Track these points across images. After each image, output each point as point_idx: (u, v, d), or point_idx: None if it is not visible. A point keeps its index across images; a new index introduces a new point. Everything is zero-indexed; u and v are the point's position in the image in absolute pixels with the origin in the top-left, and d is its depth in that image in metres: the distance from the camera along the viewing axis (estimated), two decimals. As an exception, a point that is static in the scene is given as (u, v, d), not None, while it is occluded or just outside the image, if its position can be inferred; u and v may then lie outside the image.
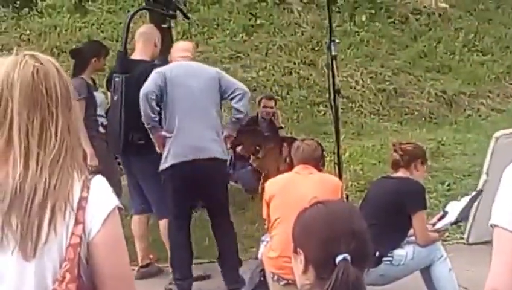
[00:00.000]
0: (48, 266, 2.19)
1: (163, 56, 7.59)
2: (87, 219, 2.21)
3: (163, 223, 7.23)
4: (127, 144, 7.09)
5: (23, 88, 2.21)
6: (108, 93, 7.73)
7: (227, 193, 7.16)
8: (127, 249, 2.33)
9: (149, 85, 6.73)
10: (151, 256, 7.64)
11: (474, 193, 6.78)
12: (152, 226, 7.68)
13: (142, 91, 6.70)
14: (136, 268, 7.48)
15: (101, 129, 8.17)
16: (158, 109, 6.74)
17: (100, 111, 8.29)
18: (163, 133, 6.81)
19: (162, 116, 6.83)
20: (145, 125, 6.80)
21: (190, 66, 6.98)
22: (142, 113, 6.72)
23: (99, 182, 2.27)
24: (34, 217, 2.17)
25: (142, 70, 6.98)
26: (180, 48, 7.28)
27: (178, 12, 8.86)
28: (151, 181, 7.11)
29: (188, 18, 10.09)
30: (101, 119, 8.26)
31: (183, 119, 6.77)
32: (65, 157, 2.23)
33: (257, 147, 9.59)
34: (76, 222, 2.20)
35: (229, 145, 7.37)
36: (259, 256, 6.61)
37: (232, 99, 6.88)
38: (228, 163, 8.74)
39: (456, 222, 6.48)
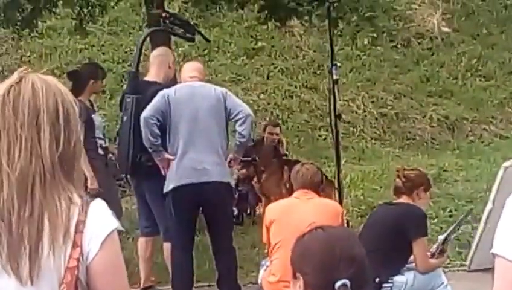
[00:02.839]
0: (45, 289, 2.18)
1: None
2: (85, 242, 2.19)
3: (167, 246, 7.20)
4: (136, 165, 7.10)
5: None
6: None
7: (231, 217, 7.14)
8: (126, 271, 2.31)
9: (150, 109, 6.74)
10: (152, 278, 7.62)
11: (464, 214, 6.76)
12: (156, 247, 7.65)
13: (143, 115, 6.72)
14: (138, 290, 7.48)
15: (100, 151, 8.13)
16: (159, 132, 6.73)
17: (98, 133, 8.26)
18: (167, 155, 6.81)
19: (167, 138, 6.82)
20: (148, 149, 6.78)
21: (195, 87, 6.96)
22: (143, 137, 6.74)
23: (98, 205, 2.25)
24: (29, 242, 2.17)
25: (153, 92, 6.98)
26: (189, 68, 7.27)
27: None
28: (159, 202, 7.08)
29: (208, 41, 10.07)
30: (100, 141, 8.23)
31: (187, 142, 6.76)
32: (46, 179, 2.21)
33: (261, 170, 9.55)
34: (74, 245, 2.18)
35: (235, 167, 7.30)
36: (259, 281, 6.62)
37: (235, 122, 6.88)
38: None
39: (445, 239, 6.39)
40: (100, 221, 2.22)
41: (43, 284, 2.17)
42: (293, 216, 6.03)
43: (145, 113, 6.72)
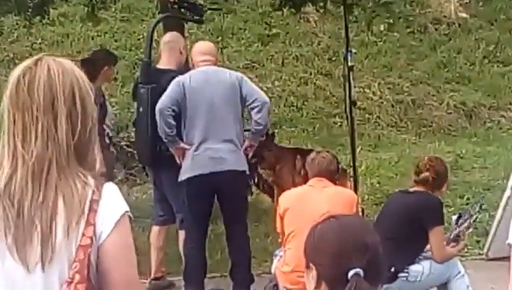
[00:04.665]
0: (55, 272, 2.19)
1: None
2: (98, 221, 2.22)
3: (183, 235, 7.17)
4: (155, 155, 7.09)
5: (11, 90, 2.26)
6: (134, 104, 7.73)
7: (247, 205, 7.15)
8: (135, 256, 2.34)
9: (165, 100, 6.72)
10: (163, 269, 7.62)
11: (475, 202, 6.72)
12: (167, 238, 7.62)
13: (158, 106, 6.70)
14: (148, 280, 7.49)
15: (106, 140, 8.19)
16: (174, 123, 6.72)
17: (107, 122, 8.24)
18: (182, 145, 6.80)
19: (182, 127, 6.79)
20: (163, 139, 6.75)
21: (209, 73, 6.90)
22: (159, 128, 6.73)
23: (111, 187, 2.30)
24: (41, 228, 2.19)
25: (168, 80, 6.93)
26: (201, 50, 7.14)
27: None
28: (177, 192, 7.06)
29: (220, 9, 9.99)
30: (107, 130, 8.26)
31: (202, 131, 6.75)
32: (61, 165, 2.22)
33: (274, 161, 9.46)
34: (87, 224, 2.21)
35: (250, 155, 7.23)
36: (272, 270, 6.61)
37: (251, 109, 6.83)
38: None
39: (458, 223, 6.38)
40: (114, 202, 2.27)
41: (54, 268, 2.18)
42: (307, 205, 6.02)
43: (160, 104, 6.70)
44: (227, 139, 6.76)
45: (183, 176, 6.81)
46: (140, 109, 7.22)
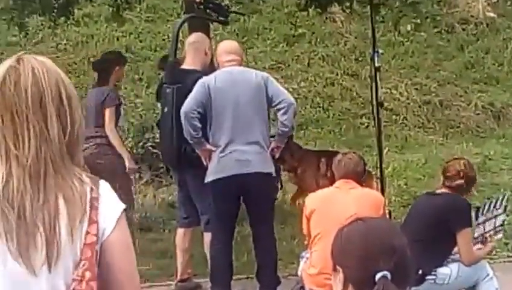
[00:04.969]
0: (60, 272, 2.18)
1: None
2: (101, 218, 2.23)
3: (208, 237, 7.16)
4: (180, 156, 7.09)
5: None
6: (158, 105, 7.75)
7: (273, 207, 7.15)
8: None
9: (190, 102, 6.71)
10: (189, 271, 7.62)
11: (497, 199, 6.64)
12: (192, 240, 7.62)
13: (183, 109, 6.70)
14: (174, 282, 7.55)
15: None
16: (199, 125, 6.71)
17: (120, 123, 8.51)
18: (208, 146, 6.80)
19: (207, 128, 6.79)
20: (189, 141, 6.77)
21: (235, 74, 6.89)
22: (184, 131, 6.73)
23: (106, 184, 2.30)
24: (45, 229, 2.17)
25: (193, 80, 6.93)
26: (226, 50, 7.12)
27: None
28: (203, 193, 7.05)
29: (243, 15, 10.03)
30: (119, 132, 8.52)
31: (228, 133, 6.74)
32: (57, 165, 2.21)
33: (296, 164, 9.42)
34: (90, 222, 2.21)
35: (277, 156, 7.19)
36: (299, 273, 6.58)
37: (277, 110, 6.82)
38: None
39: (477, 210, 6.34)
40: (112, 199, 2.28)
41: (59, 269, 2.17)
42: (333, 207, 5.97)
43: (185, 106, 6.69)
44: (253, 141, 6.75)
45: (209, 178, 6.80)
46: (165, 109, 7.23)
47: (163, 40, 14.42)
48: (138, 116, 11.76)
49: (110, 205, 2.26)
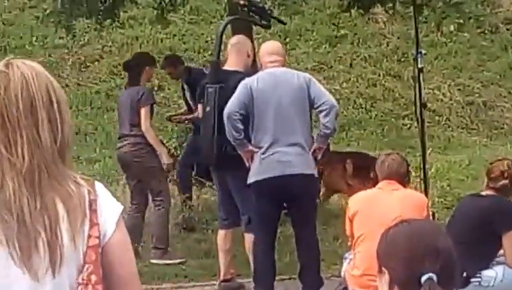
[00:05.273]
0: (64, 277, 2.15)
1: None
2: (101, 221, 2.21)
3: (249, 238, 7.19)
4: (220, 156, 7.10)
5: None
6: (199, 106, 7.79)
7: (315, 208, 7.13)
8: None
9: (232, 104, 6.74)
10: (232, 271, 7.63)
11: None
12: (234, 240, 7.64)
13: (226, 110, 6.72)
14: (217, 282, 7.57)
15: None
16: (242, 127, 6.74)
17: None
18: (251, 148, 6.81)
19: (250, 129, 6.82)
20: (232, 142, 6.80)
21: (277, 76, 6.90)
22: (227, 132, 6.76)
23: (101, 185, 2.27)
24: (46, 235, 2.13)
25: (235, 81, 6.98)
26: (268, 50, 7.15)
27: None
28: (244, 193, 7.08)
29: (284, 23, 10.10)
30: None
31: (270, 135, 6.76)
32: (50, 169, 2.17)
33: (321, 167, 9.42)
34: (92, 224, 2.19)
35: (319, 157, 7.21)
36: (342, 274, 6.57)
37: (319, 112, 6.82)
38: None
39: None
40: (110, 200, 2.25)
41: (63, 274, 2.15)
42: (377, 208, 5.95)
43: (228, 108, 6.72)
44: (295, 143, 6.76)
45: (251, 179, 6.83)
46: (207, 109, 7.26)
47: (207, 42, 14.48)
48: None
49: (109, 206, 2.23)
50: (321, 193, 9.49)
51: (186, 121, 10.19)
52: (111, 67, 13.77)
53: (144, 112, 8.25)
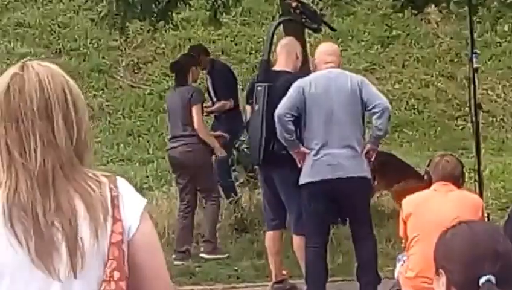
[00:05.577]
0: (91, 275, 2.13)
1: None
2: (124, 216, 2.17)
3: (298, 239, 7.20)
4: (268, 154, 7.12)
5: (1, 97, 2.15)
6: (247, 107, 7.83)
7: (368, 208, 7.14)
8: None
9: (284, 105, 6.75)
10: (284, 272, 7.63)
11: None
12: (285, 241, 7.63)
13: (278, 111, 6.74)
14: (270, 284, 7.58)
15: None
16: (293, 128, 6.75)
17: None
18: (302, 149, 6.81)
19: (301, 130, 6.83)
20: (283, 143, 6.83)
21: (331, 78, 6.89)
22: (278, 134, 6.78)
23: (124, 181, 2.24)
24: (64, 234, 2.11)
25: (284, 81, 7.04)
26: (325, 51, 7.16)
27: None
28: (291, 193, 7.11)
29: (334, 30, 10.11)
30: None
31: (322, 137, 6.76)
32: (65, 170, 2.14)
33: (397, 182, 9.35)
34: (114, 220, 2.15)
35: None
36: (395, 275, 6.46)
37: (372, 114, 6.82)
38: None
39: None
40: (133, 195, 2.22)
41: (89, 272, 2.12)
42: (431, 209, 5.87)
43: (279, 109, 6.73)
44: (346, 145, 6.75)
45: (303, 180, 6.83)
46: (256, 107, 7.29)
47: (258, 43, 14.51)
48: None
49: (132, 201, 2.21)
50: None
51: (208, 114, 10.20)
52: (164, 69, 13.85)
53: (195, 110, 8.45)
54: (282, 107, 6.74)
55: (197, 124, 8.44)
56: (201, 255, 8.57)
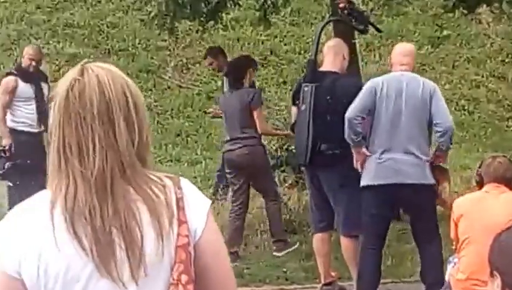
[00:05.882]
0: (158, 279, 2.12)
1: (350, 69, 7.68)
2: (190, 218, 2.16)
3: (346, 241, 7.22)
4: (314, 155, 7.12)
5: (60, 104, 2.14)
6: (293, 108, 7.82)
7: (434, 212, 7.04)
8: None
9: (355, 108, 6.73)
10: (333, 274, 7.60)
11: None
12: (334, 242, 7.62)
13: (348, 114, 6.71)
14: (319, 286, 7.56)
15: None
16: (361, 131, 6.74)
17: None
18: (364, 150, 6.81)
19: (368, 131, 6.83)
20: (349, 141, 6.81)
21: (403, 82, 6.82)
22: (346, 135, 6.75)
23: (188, 182, 2.22)
24: (124, 240, 2.09)
25: (331, 81, 7.08)
26: (402, 52, 7.15)
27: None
28: (339, 193, 7.12)
29: (380, 31, 10.06)
30: None
31: (386, 141, 6.75)
32: (126, 173, 2.12)
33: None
34: (180, 223, 2.14)
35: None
36: (446, 278, 6.43)
37: (435, 131, 6.80)
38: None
39: None
40: (197, 197, 2.20)
41: (152, 277, 2.10)
42: (483, 211, 5.82)
43: (350, 112, 6.70)
44: (409, 152, 6.72)
45: (364, 182, 6.82)
46: (302, 107, 7.28)
47: (307, 43, 14.47)
48: (282, 119, 11.85)
49: (196, 203, 2.19)
50: None
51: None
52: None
53: (257, 113, 8.48)
54: (354, 110, 6.71)
55: (260, 127, 8.49)
56: (274, 253, 8.66)
